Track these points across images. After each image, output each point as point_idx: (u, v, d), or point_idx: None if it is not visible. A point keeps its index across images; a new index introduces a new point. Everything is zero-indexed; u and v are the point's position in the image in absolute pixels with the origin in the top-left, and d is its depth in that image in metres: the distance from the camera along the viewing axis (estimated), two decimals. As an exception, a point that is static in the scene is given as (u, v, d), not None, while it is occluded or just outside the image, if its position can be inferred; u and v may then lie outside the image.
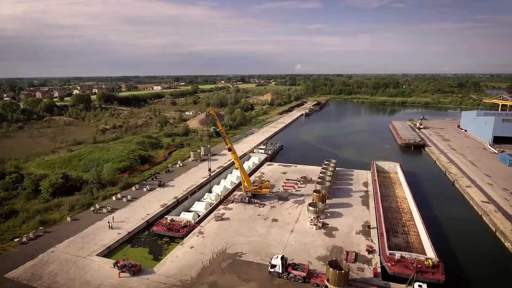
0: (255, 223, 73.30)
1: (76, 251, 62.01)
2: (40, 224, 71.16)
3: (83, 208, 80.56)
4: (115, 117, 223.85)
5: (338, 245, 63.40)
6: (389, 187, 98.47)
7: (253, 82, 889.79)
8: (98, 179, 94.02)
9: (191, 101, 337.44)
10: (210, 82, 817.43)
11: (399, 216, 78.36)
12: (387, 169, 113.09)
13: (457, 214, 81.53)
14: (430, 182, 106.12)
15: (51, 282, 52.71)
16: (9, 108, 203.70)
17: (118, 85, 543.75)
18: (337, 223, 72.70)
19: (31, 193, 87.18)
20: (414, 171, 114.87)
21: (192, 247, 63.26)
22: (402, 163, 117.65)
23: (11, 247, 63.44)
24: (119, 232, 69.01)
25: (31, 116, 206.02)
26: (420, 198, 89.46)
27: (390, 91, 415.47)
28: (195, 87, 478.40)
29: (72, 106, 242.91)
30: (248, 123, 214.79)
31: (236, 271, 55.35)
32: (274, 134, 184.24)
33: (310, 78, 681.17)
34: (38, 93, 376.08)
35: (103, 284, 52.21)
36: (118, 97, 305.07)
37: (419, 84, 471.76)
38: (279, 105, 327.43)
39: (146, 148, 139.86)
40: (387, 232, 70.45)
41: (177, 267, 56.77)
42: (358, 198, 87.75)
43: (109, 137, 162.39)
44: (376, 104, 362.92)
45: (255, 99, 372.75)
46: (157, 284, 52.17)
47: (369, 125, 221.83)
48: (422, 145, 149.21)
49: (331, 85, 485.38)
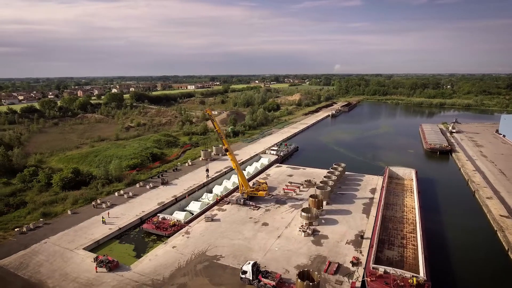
0: (244, 226, 71.94)
1: (66, 243, 64.80)
2: (42, 216, 75.46)
3: (86, 202, 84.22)
4: (142, 115, 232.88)
5: (322, 255, 60.21)
6: (399, 195, 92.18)
7: (287, 82, 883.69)
8: (106, 175, 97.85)
9: (219, 100, 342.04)
10: (244, 82, 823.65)
11: (401, 227, 72.88)
12: (401, 175, 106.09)
13: (469, 228, 74.12)
14: (448, 191, 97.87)
15: (34, 272, 55.46)
16: (47, 105, 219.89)
17: (154, 85, 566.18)
18: (329, 231, 69.19)
19: (44, 186, 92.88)
20: (434, 179, 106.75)
21: (174, 246, 63.43)
22: (424, 169, 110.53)
23: (11, 236, 67.83)
24: (111, 228, 71.13)
25: (67, 113, 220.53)
26: (432, 209, 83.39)
27: (428, 92, 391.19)
28: (225, 87, 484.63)
29: (105, 104, 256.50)
30: (269, 123, 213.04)
31: (209, 274, 54.53)
32: (293, 135, 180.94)
33: (351, 78, 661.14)
34: (80, 91, 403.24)
35: (79, 278, 53.92)
36: (149, 96, 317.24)
37: (462, 85, 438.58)
38: (306, 106, 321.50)
39: (162, 146, 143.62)
40: (383, 243, 65.91)
41: (153, 266, 57.18)
42: (360, 205, 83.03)
43: (130, 134, 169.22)
44: (411, 106, 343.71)
45: (284, 99, 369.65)
46: (128, 282, 52.84)
47: (398, 128, 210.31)
48: (449, 151, 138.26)
49: (365, 85, 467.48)
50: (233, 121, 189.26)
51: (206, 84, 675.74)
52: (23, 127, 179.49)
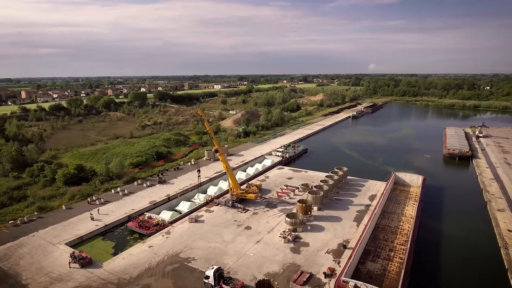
0: (227, 228, 70.76)
1: (51, 238, 67.16)
2: (39, 210, 78.89)
3: (82, 198, 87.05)
4: (162, 114, 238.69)
5: (297, 263, 57.61)
6: (401, 203, 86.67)
7: (315, 82, 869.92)
8: (107, 172, 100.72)
9: (240, 100, 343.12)
10: (272, 82, 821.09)
11: (392, 238, 68.21)
12: (408, 182, 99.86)
13: (470, 243, 67.92)
14: (459, 200, 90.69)
15: (14, 264, 57.89)
16: (74, 104, 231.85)
17: (181, 84, 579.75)
18: (312, 238, 66.24)
19: (49, 181, 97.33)
20: (446, 186, 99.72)
21: (151, 246, 63.63)
22: (437, 176, 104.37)
23: (5, 228, 71.48)
24: (97, 224, 72.85)
25: (91, 111, 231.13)
26: (435, 219, 78.40)
27: (462, 93, 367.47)
28: (249, 86, 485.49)
29: (129, 103, 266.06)
30: (285, 124, 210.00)
31: (175, 276, 53.98)
32: (306, 136, 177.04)
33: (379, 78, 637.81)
34: (110, 90, 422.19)
35: (52, 272, 55.49)
36: (172, 95, 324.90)
37: (502, 86, 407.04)
38: (329, 106, 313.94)
39: (171, 145, 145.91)
40: (367, 254, 62.05)
41: (124, 264, 57.62)
42: (354, 212, 78.92)
43: (144, 133, 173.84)
44: (442, 108, 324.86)
45: (307, 99, 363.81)
46: (96, 279, 53.57)
47: (421, 130, 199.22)
48: (469, 156, 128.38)
49: (395, 86, 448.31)
50: (246, 121, 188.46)
51: (233, 84, 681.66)
52: (49, 124, 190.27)
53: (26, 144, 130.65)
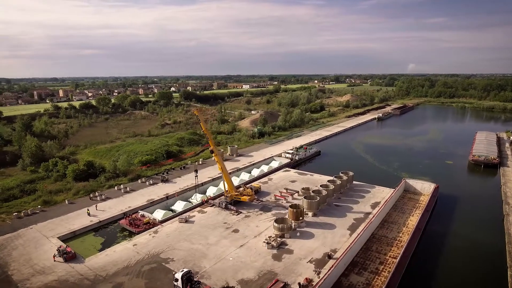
0: (214, 230, 69.98)
1: (47, 231, 70.17)
2: (43, 204, 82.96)
3: (86, 194, 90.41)
4: (184, 114, 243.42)
5: (275, 271, 55.43)
6: (406, 212, 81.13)
7: (347, 82, 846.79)
8: (114, 169, 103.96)
9: (265, 100, 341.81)
10: (303, 82, 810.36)
11: (386, 250, 63.80)
12: (419, 190, 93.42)
13: (476, 260, 61.83)
14: (474, 212, 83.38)
15: (6, 255, 61.05)
16: (102, 102, 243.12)
17: (210, 84, 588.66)
18: (298, 246, 63.59)
19: (60, 175, 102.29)
20: (462, 196, 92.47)
21: (135, 245, 64.35)
22: (456, 184, 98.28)
23: (9, 219, 75.85)
24: (92, 220, 75.17)
25: (118, 110, 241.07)
26: (441, 232, 73.50)
27: (505, 95, 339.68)
28: (276, 86, 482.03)
29: (155, 102, 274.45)
30: (304, 125, 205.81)
31: (150, 277, 54.05)
32: (324, 138, 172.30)
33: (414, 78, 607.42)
34: (141, 89, 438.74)
35: (37, 264, 57.80)
36: (197, 95, 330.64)
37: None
38: (355, 107, 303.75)
39: (184, 144, 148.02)
40: (354, 266, 58.54)
41: (105, 261, 58.67)
42: (350, 220, 74.91)
43: (162, 131, 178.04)
44: (480, 110, 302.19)
45: (334, 100, 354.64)
46: (75, 274, 54.97)
47: (450, 135, 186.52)
48: (496, 164, 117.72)
49: (430, 86, 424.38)
50: (262, 122, 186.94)
51: (262, 83, 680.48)
52: (77, 121, 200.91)
53: (51, 140, 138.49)
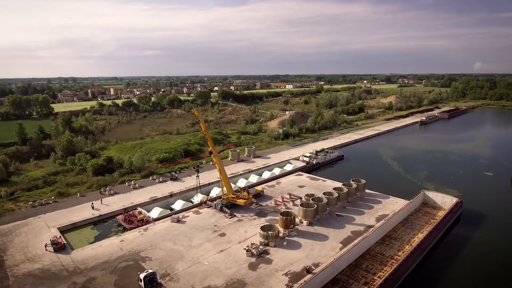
0: (201, 233, 69.40)
1: (51, 221, 75.26)
2: (58, 195, 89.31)
3: (98, 188, 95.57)
4: (217, 113, 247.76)
5: (245, 281, 53.10)
6: (415, 228, 73.13)
7: (400, 82, 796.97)
8: (130, 165, 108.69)
9: (303, 100, 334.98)
10: (351, 82, 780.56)
11: (376, 269, 57.88)
12: (439, 204, 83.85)
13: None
14: (500, 232, 72.78)
15: (8, 241, 66.55)
16: (143, 100, 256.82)
17: (253, 83, 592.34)
18: (280, 256, 60.37)
19: (82, 169, 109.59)
20: (493, 213, 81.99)
21: (122, 241, 66.14)
22: (490, 200, 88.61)
23: (24, 207, 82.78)
24: (94, 213, 79.08)
25: (157, 108, 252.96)
26: (452, 253, 65.26)
27: None
28: (318, 86, 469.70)
29: (192, 101, 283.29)
30: (335, 127, 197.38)
31: (122, 274, 55.04)
32: (352, 141, 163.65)
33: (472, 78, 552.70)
34: (185, 88, 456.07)
35: (30, 252, 62.07)
36: (235, 94, 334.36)
37: None
38: (399, 110, 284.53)
39: (206, 143, 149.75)
40: (334, 284, 54.03)
41: (89, 255, 61.09)
42: (347, 232, 69.45)
43: (189, 130, 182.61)
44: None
45: (377, 101, 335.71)
46: (58, 264, 57.97)
47: (501, 143, 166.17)
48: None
49: (490, 88, 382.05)
50: (290, 123, 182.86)
51: (307, 83, 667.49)
52: (116, 118, 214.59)
53: (88, 135, 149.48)
